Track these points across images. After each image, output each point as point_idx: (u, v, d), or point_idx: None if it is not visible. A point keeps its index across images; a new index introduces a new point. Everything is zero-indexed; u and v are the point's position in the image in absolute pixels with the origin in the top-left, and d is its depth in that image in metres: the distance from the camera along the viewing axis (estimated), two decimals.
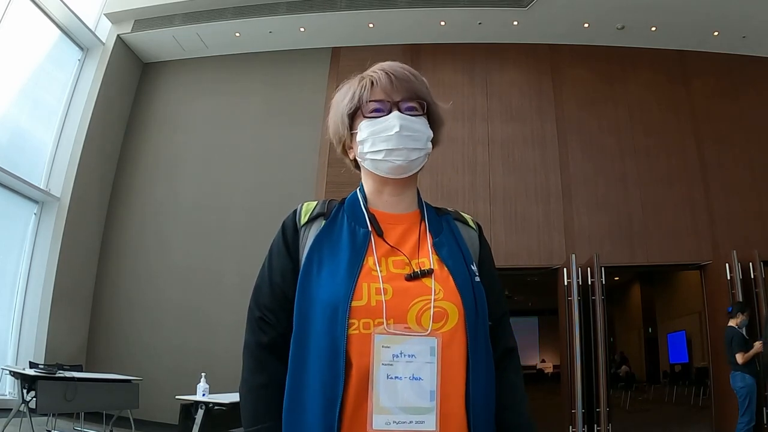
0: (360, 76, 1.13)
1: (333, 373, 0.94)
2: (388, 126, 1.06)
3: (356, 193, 1.15)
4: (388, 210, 1.11)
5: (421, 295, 0.98)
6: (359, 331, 0.95)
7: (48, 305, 6.83)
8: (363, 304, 0.96)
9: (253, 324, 1.06)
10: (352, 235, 1.05)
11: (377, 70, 1.11)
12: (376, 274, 0.99)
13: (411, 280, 1.00)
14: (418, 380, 0.94)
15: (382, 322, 0.95)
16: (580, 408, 6.27)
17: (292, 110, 8.11)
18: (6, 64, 6.83)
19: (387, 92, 1.08)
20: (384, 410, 0.92)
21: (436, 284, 1.00)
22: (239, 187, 7.87)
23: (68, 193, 7.32)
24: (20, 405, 4.55)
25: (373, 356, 0.93)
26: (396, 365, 0.93)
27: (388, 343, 0.94)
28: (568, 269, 6.73)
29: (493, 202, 7.44)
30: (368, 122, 1.08)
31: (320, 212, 1.10)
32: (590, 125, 7.74)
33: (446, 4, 7.63)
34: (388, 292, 0.98)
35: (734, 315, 5.41)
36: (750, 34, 7.53)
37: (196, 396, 4.38)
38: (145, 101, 8.61)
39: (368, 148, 1.08)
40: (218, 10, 7.94)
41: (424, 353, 0.95)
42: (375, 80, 1.09)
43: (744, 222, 7.09)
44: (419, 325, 0.96)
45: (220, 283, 7.40)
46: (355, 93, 1.09)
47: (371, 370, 0.93)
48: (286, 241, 1.08)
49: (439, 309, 0.98)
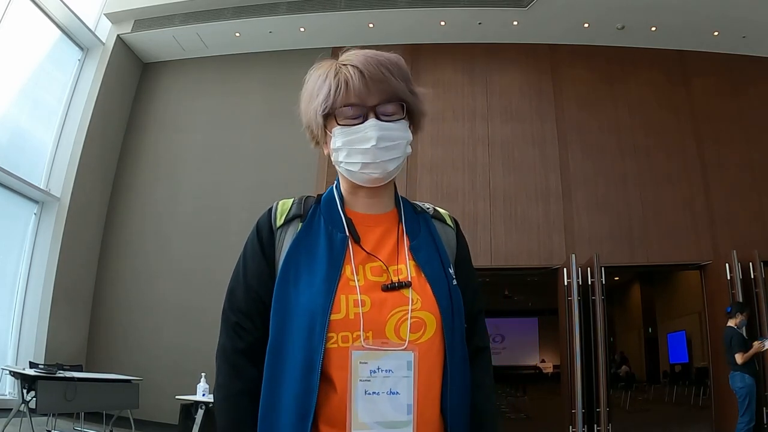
0: (335, 66, 1.03)
1: (307, 387, 0.93)
2: (364, 137, 1.00)
3: (332, 190, 1.11)
4: (365, 210, 1.08)
5: (399, 306, 0.97)
6: (338, 344, 0.94)
7: (48, 305, 6.83)
8: (341, 318, 0.95)
9: (228, 329, 1.04)
10: (329, 241, 1.02)
11: (350, 67, 1.01)
12: (353, 285, 0.98)
13: (388, 291, 0.98)
14: (395, 395, 0.93)
15: (359, 336, 0.94)
16: (580, 408, 6.27)
17: (292, 110, 7.96)
18: (6, 64, 6.83)
19: (362, 96, 1.00)
20: (362, 426, 0.92)
21: (413, 294, 0.99)
22: (239, 187, 7.87)
23: (68, 193, 7.32)
24: (20, 405, 4.55)
25: (350, 372, 0.93)
26: (373, 381, 0.93)
27: (365, 359, 0.94)
28: (568, 269, 6.73)
29: (493, 202, 7.43)
30: (342, 130, 1.02)
31: (296, 214, 1.07)
32: (590, 125, 7.74)
33: (446, 4, 7.63)
34: (366, 304, 0.96)
35: (733, 315, 5.41)
36: (750, 34, 7.52)
37: (196, 396, 4.38)
38: (145, 101, 8.61)
39: (343, 158, 1.03)
40: (218, 10, 7.94)
41: (401, 368, 0.94)
42: (348, 80, 1.00)
43: (744, 222, 7.09)
44: (397, 337, 0.96)
45: (220, 283, 7.30)
46: (329, 93, 1.01)
47: (349, 386, 0.92)
48: (262, 244, 1.06)
49: (416, 319, 0.97)
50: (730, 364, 5.29)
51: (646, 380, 14.57)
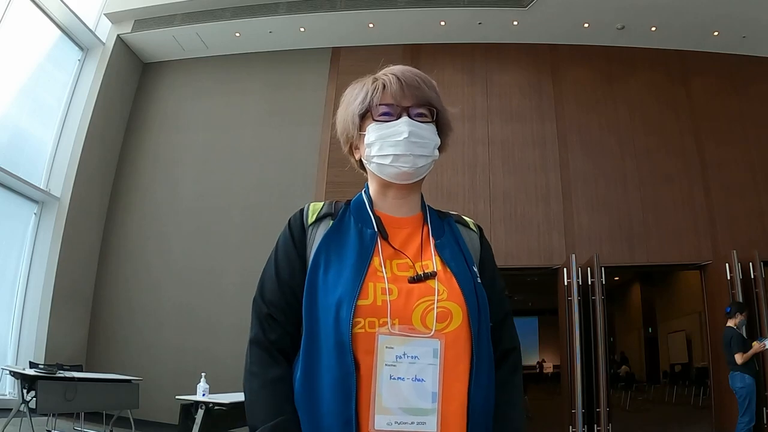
0: (372, 77, 1.13)
1: (344, 370, 0.95)
2: (397, 131, 1.07)
3: (361, 195, 1.16)
4: (393, 213, 1.12)
5: (426, 296, 1.00)
6: (365, 329, 0.96)
7: (48, 305, 6.83)
8: (369, 303, 0.97)
9: (261, 320, 1.06)
10: (359, 236, 1.06)
11: (389, 74, 1.11)
12: (381, 275, 1.01)
13: (414, 282, 1.01)
14: (420, 381, 0.94)
15: (386, 322, 0.96)
16: (580, 408, 6.27)
17: (292, 110, 8.11)
18: (6, 64, 6.83)
19: (397, 97, 1.08)
20: (386, 410, 0.93)
21: (439, 285, 1.01)
22: (239, 186, 7.87)
23: (68, 193, 7.32)
24: (20, 405, 4.55)
25: (376, 356, 0.94)
26: (399, 366, 0.94)
27: (391, 344, 0.95)
28: (568, 269, 6.73)
29: (493, 202, 7.44)
30: (377, 126, 1.09)
31: (328, 212, 1.11)
32: (590, 125, 7.74)
33: (446, 4, 7.63)
34: (393, 293, 0.99)
35: (732, 315, 5.41)
36: (750, 34, 7.53)
37: (196, 396, 4.38)
38: (145, 101, 8.61)
39: (375, 152, 1.09)
40: (218, 10, 7.94)
41: (427, 355, 0.95)
42: (386, 84, 1.09)
43: (744, 222, 7.09)
44: (424, 326, 0.97)
45: (220, 283, 7.40)
46: (367, 95, 1.10)
47: (374, 370, 0.94)
48: (294, 239, 1.09)
49: (442, 309, 0.99)
50: (729, 365, 5.29)
51: (646, 380, 14.58)
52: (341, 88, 1.09)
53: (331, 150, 7.66)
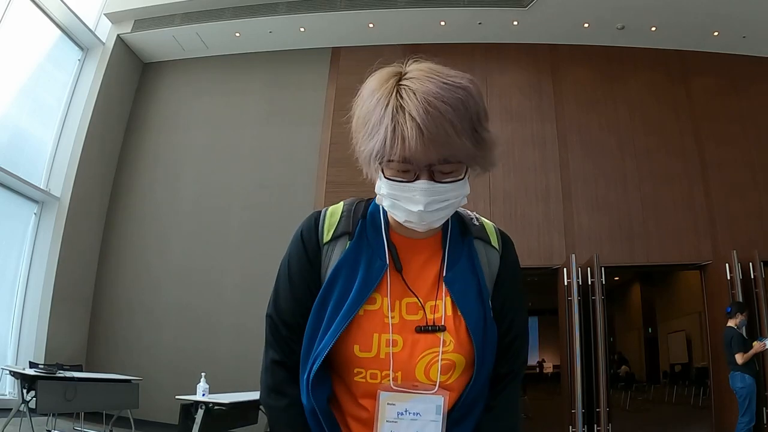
0: (393, 103, 0.88)
1: (310, 408, 0.96)
2: (412, 199, 0.89)
3: (378, 210, 1.03)
4: (410, 234, 0.99)
5: (431, 348, 0.95)
6: (366, 380, 0.95)
7: (48, 305, 6.83)
8: (372, 356, 0.94)
9: (279, 341, 1.00)
10: (368, 270, 0.97)
11: (408, 117, 0.85)
12: (387, 322, 0.95)
13: (421, 333, 0.95)
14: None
15: (388, 374, 0.93)
16: (580, 408, 6.27)
17: (292, 110, 8.11)
18: (6, 64, 6.83)
19: (417, 155, 0.86)
20: None
21: (446, 336, 0.96)
22: (239, 187, 7.87)
23: (68, 193, 7.32)
24: (20, 405, 4.55)
25: (377, 412, 0.92)
26: (400, 422, 0.92)
27: (393, 401, 0.93)
28: (568, 269, 6.73)
29: (493, 202, 7.44)
30: (391, 183, 0.90)
31: (344, 231, 1.00)
32: (590, 125, 7.74)
33: (446, 4, 7.63)
34: (398, 344, 0.94)
35: (733, 315, 5.41)
36: (750, 34, 7.52)
37: (196, 396, 4.38)
38: (145, 101, 8.61)
39: (387, 207, 0.95)
40: (218, 10, 7.94)
41: (429, 411, 0.93)
42: (405, 134, 0.84)
43: (744, 222, 7.09)
44: (427, 378, 0.94)
45: (220, 283, 7.40)
46: (384, 143, 0.86)
47: (375, 425, 0.92)
48: (308, 255, 1.00)
49: (447, 361, 0.95)
50: (730, 365, 5.29)
51: (646, 380, 14.58)
52: (341, 88, 1.09)
53: (331, 150, 7.66)
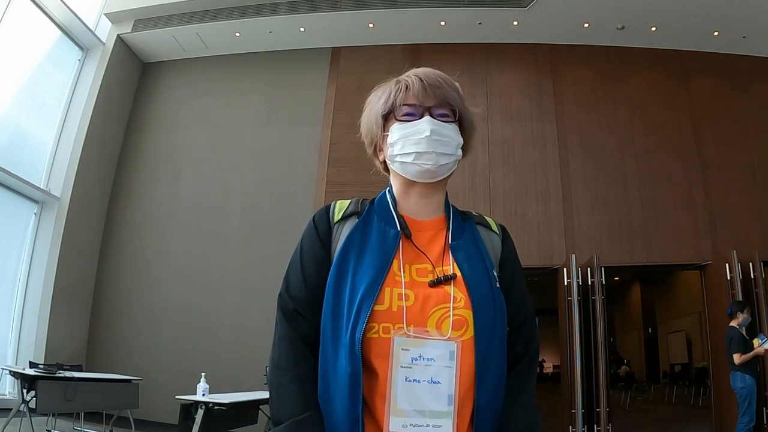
0: (396, 80, 1.14)
1: (354, 371, 0.95)
2: (419, 130, 1.08)
3: (385, 194, 1.16)
4: (416, 215, 1.12)
5: (442, 303, 1.00)
6: (379, 335, 0.97)
7: (48, 305, 6.83)
8: (384, 309, 0.97)
9: (288, 315, 1.06)
10: (381, 236, 1.07)
11: (411, 75, 1.13)
12: (399, 280, 1.01)
13: (434, 286, 1.01)
14: (436, 384, 0.94)
15: (401, 328, 0.96)
16: (580, 408, 6.27)
17: (292, 110, 8.11)
18: (6, 64, 6.83)
19: (420, 97, 1.10)
20: (401, 412, 0.93)
21: (456, 291, 1.01)
22: (239, 186, 7.87)
23: (68, 193, 7.32)
24: (20, 405, 4.55)
25: (391, 358, 0.95)
26: (414, 368, 0.94)
27: (407, 346, 0.95)
28: (568, 269, 6.73)
29: (493, 202, 7.44)
30: (400, 125, 1.10)
31: (354, 211, 1.12)
32: (590, 125, 7.74)
33: (446, 4, 7.63)
34: (410, 298, 0.99)
35: (734, 315, 5.41)
36: (750, 34, 7.52)
37: (196, 396, 4.38)
38: (145, 101, 8.61)
39: (398, 151, 1.10)
40: (218, 10, 7.94)
41: (443, 357, 0.95)
42: (409, 85, 1.11)
43: (744, 222, 7.09)
44: (439, 332, 0.97)
45: (220, 283, 7.40)
46: (390, 96, 1.12)
47: (390, 372, 0.94)
48: (319, 235, 1.10)
49: (458, 317, 0.99)
50: (730, 365, 5.29)
51: (646, 380, 14.58)
52: (341, 88, 1.09)
53: (331, 150, 7.66)
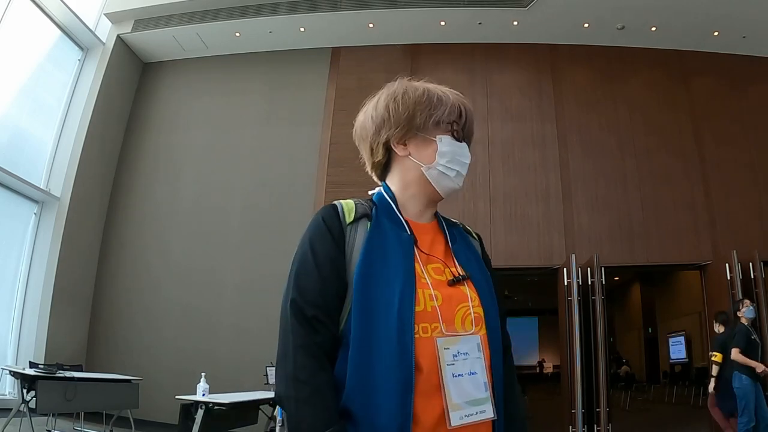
0: (437, 95, 1.18)
1: (404, 377, 0.97)
2: (465, 153, 1.19)
3: (383, 195, 1.18)
4: (415, 218, 1.18)
5: (462, 302, 1.09)
6: (419, 335, 1.01)
7: (48, 305, 6.83)
8: (421, 310, 1.03)
9: (304, 323, 1.01)
10: (398, 240, 1.09)
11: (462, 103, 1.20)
12: (425, 281, 1.06)
13: (453, 285, 1.09)
14: (474, 375, 1.04)
15: (438, 326, 1.03)
16: (580, 408, 6.27)
17: (292, 110, 8.11)
18: (6, 64, 6.83)
19: (466, 127, 1.21)
20: (456, 407, 1.00)
21: (470, 291, 1.11)
22: (239, 186, 7.87)
23: (68, 193, 7.32)
24: (20, 405, 4.55)
25: (439, 358, 1.01)
26: (457, 364, 1.02)
27: (447, 345, 1.03)
28: (568, 269, 6.73)
29: (493, 202, 7.44)
30: (453, 141, 1.17)
31: (363, 213, 1.13)
32: (590, 125, 7.74)
33: (446, 4, 7.63)
34: (438, 299, 1.06)
35: (738, 311, 5.40)
36: (750, 34, 7.52)
37: (196, 396, 4.38)
38: (145, 101, 8.61)
39: (445, 163, 1.16)
40: (218, 10, 7.94)
41: (474, 350, 1.06)
42: (463, 112, 1.20)
43: (744, 222, 7.09)
44: (463, 329, 1.07)
45: (220, 283, 7.40)
46: (452, 108, 1.18)
47: (440, 371, 1.01)
48: (333, 237, 1.07)
49: (476, 314, 1.09)
50: (733, 363, 5.29)
51: (646, 380, 14.58)
52: (341, 88, 1.09)
53: (331, 150, 7.65)
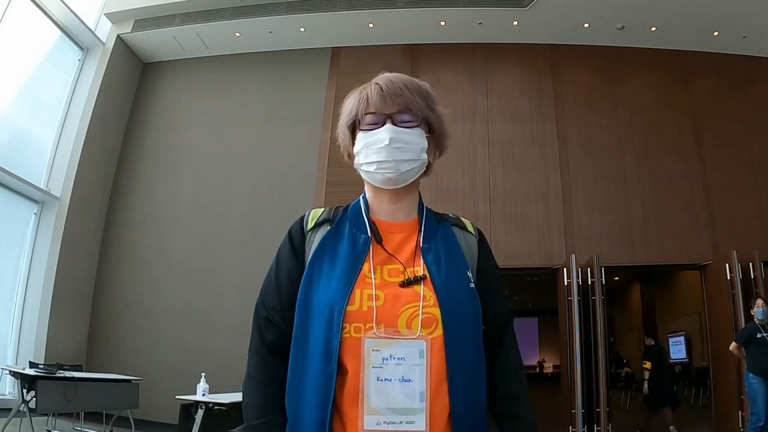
0: (361, 88, 1.16)
1: (326, 374, 0.98)
2: (379, 138, 1.09)
3: (359, 200, 1.18)
4: (388, 218, 1.14)
5: (412, 302, 1.02)
6: (350, 334, 0.99)
7: (48, 305, 6.83)
8: (355, 309, 1.00)
9: (259, 324, 1.11)
10: (352, 242, 1.09)
11: (372, 84, 1.14)
12: (369, 281, 1.03)
13: (405, 286, 1.03)
14: (407, 382, 0.97)
15: (372, 327, 0.99)
16: (580, 408, 6.27)
17: (292, 110, 8.11)
18: (6, 64, 6.82)
19: (379, 106, 1.10)
20: (374, 411, 0.95)
21: (426, 291, 1.03)
22: (239, 187, 7.87)
23: (68, 193, 7.32)
24: (20, 405, 4.55)
25: (363, 359, 0.97)
26: (386, 367, 0.97)
27: (377, 347, 0.98)
28: (568, 269, 6.73)
29: (493, 202, 7.43)
30: (363, 135, 1.12)
31: (326, 218, 1.15)
32: (590, 125, 7.74)
33: (446, 4, 7.63)
34: (380, 299, 1.01)
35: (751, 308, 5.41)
36: (750, 34, 7.52)
37: (196, 396, 4.38)
38: (145, 101, 8.61)
39: (362, 160, 1.12)
40: (218, 10, 7.94)
41: (413, 356, 0.98)
42: (369, 94, 1.12)
43: (744, 222, 7.09)
44: (409, 330, 1.00)
45: (220, 282, 7.40)
46: (353, 106, 1.13)
47: (361, 372, 0.97)
48: (293, 245, 1.13)
49: (428, 315, 1.01)
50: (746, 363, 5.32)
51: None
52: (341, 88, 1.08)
53: (331, 150, 7.65)
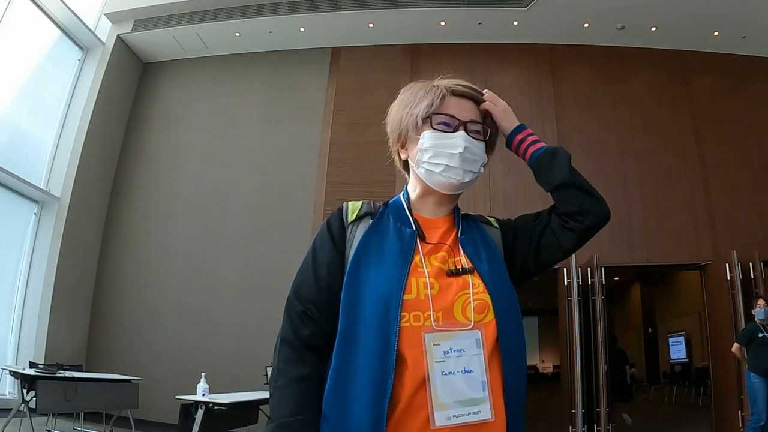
0: (433, 84, 1.15)
1: (384, 367, 0.96)
2: (454, 144, 1.10)
3: (400, 198, 1.18)
4: (428, 215, 1.16)
5: (463, 290, 1.04)
6: (410, 323, 0.99)
7: (48, 305, 6.83)
8: (413, 298, 1.00)
9: (294, 317, 1.06)
10: (399, 235, 1.09)
11: (453, 85, 1.14)
12: (422, 270, 1.04)
13: (452, 276, 1.05)
14: (469, 373, 0.98)
15: (429, 315, 0.99)
16: (580, 408, 6.27)
17: (292, 110, 8.11)
18: (6, 64, 6.83)
19: (457, 110, 1.13)
20: (443, 406, 0.96)
21: (474, 279, 1.06)
22: (239, 186, 7.87)
23: (68, 193, 7.32)
24: (20, 405, 4.55)
25: (425, 355, 0.97)
26: (448, 361, 0.97)
27: (437, 341, 0.98)
28: (568, 269, 6.73)
29: (493, 202, 7.43)
30: (434, 134, 1.11)
31: (367, 211, 1.13)
32: (590, 125, 7.74)
33: (446, 4, 7.63)
34: (434, 287, 1.03)
35: (753, 308, 5.43)
36: (750, 34, 7.52)
37: (196, 396, 4.38)
38: (145, 101, 8.61)
39: (428, 158, 1.11)
40: (218, 10, 7.94)
41: (471, 346, 1.00)
42: (446, 94, 1.13)
43: (744, 222, 7.09)
44: (464, 317, 1.01)
45: (221, 282, 7.40)
46: (432, 101, 1.12)
47: (426, 369, 0.96)
48: (333, 237, 1.10)
49: (480, 301, 1.04)
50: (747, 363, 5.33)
51: (646, 380, 14.57)
52: (341, 88, 1.09)
53: (331, 150, 7.65)
